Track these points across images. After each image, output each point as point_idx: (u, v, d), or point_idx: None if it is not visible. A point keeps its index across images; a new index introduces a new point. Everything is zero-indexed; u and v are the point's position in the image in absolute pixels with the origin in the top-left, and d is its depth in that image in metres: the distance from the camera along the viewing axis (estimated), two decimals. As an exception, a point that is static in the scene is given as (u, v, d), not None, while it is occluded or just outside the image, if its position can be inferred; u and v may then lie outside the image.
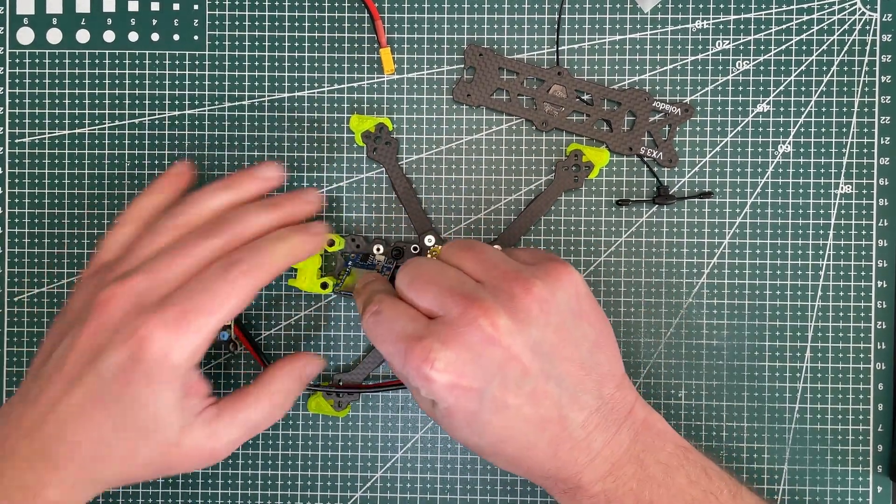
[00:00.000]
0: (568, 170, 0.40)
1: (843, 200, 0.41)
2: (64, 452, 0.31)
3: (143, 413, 0.32)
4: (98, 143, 0.41)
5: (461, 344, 0.31)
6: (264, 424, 0.35)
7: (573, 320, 0.33)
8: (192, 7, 0.41)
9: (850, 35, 0.41)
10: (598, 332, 0.34)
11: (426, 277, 0.33)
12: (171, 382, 0.31)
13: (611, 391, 0.33)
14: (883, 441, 0.40)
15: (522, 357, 0.31)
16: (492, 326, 0.31)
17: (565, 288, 0.33)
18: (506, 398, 0.31)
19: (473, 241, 0.35)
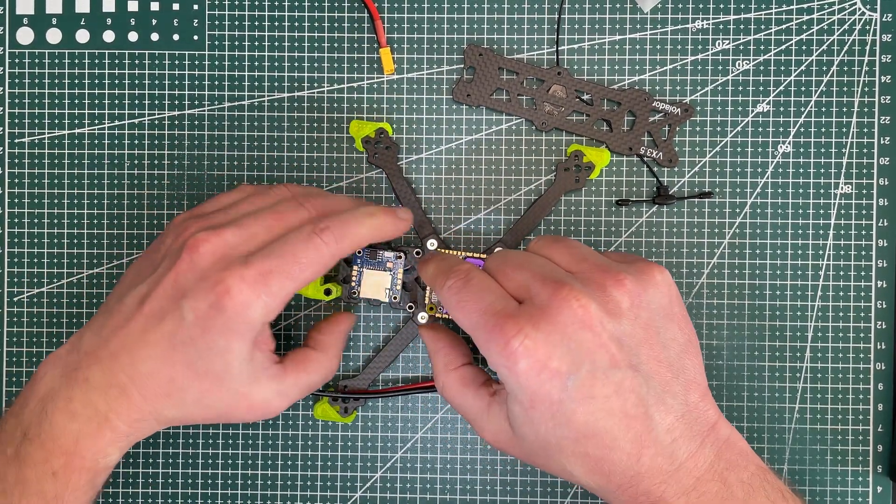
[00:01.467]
0: (569, 170, 0.40)
1: (843, 200, 0.41)
2: (136, 385, 0.33)
3: (218, 361, 0.33)
4: (98, 143, 0.41)
5: (552, 325, 0.30)
6: (319, 385, 0.37)
7: (663, 321, 0.32)
8: (192, 7, 0.41)
9: (849, 35, 0.41)
10: (686, 338, 0.33)
11: (515, 263, 0.33)
12: (245, 336, 0.33)
13: (696, 400, 0.32)
14: (883, 441, 0.40)
15: (612, 346, 0.31)
16: (582, 309, 0.30)
17: (658, 287, 0.33)
18: (593, 387, 0.30)
19: (565, 237, 0.35)
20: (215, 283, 0.32)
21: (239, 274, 0.32)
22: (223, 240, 0.33)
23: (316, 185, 0.41)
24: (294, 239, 0.33)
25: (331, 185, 0.41)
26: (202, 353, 0.33)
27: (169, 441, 0.41)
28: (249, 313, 0.32)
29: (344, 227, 0.34)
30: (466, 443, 0.41)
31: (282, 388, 0.35)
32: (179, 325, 0.32)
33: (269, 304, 0.33)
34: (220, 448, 0.41)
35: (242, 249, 0.33)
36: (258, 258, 0.33)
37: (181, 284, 0.33)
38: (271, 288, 0.32)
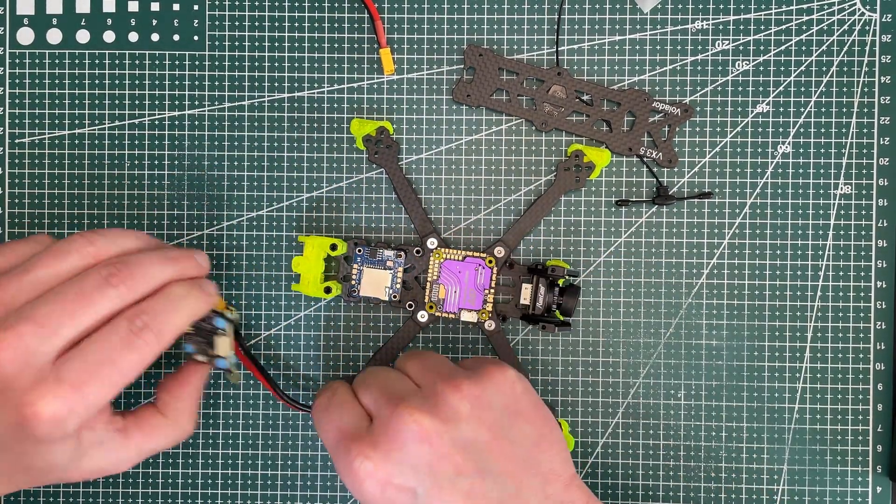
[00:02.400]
0: (569, 170, 0.40)
1: (843, 201, 0.41)
2: None
3: (38, 460, 0.31)
4: (98, 143, 0.41)
5: (392, 443, 0.31)
6: (167, 448, 0.35)
7: (509, 419, 0.33)
8: (192, 7, 0.41)
9: (849, 35, 0.41)
10: (539, 432, 0.33)
11: (372, 380, 0.34)
12: (63, 441, 0.30)
13: (557, 491, 0.33)
14: (883, 441, 0.40)
15: (455, 455, 0.31)
16: (417, 424, 0.31)
17: (498, 386, 0.33)
18: (441, 497, 0.31)
19: (424, 351, 0.37)
20: (21, 405, 0.29)
21: (48, 392, 0.29)
22: (23, 343, 0.29)
23: (316, 185, 0.41)
24: (111, 343, 0.30)
25: (331, 185, 0.41)
26: (19, 457, 0.30)
27: (169, 441, 0.41)
28: (63, 426, 0.29)
29: (163, 322, 0.31)
30: (466, 443, 0.41)
31: (120, 457, 0.33)
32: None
33: (84, 415, 0.30)
34: (220, 448, 0.41)
35: (47, 350, 0.29)
36: (71, 370, 0.29)
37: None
38: (87, 399, 0.29)
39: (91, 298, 0.30)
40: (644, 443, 0.41)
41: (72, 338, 0.30)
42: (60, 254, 0.31)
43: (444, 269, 0.40)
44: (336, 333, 0.41)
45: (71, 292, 0.30)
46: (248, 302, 0.41)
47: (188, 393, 0.36)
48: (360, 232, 0.41)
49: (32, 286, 0.31)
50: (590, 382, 0.41)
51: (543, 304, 0.39)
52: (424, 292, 0.40)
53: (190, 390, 0.36)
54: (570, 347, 0.41)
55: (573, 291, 0.39)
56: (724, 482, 0.41)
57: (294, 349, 0.41)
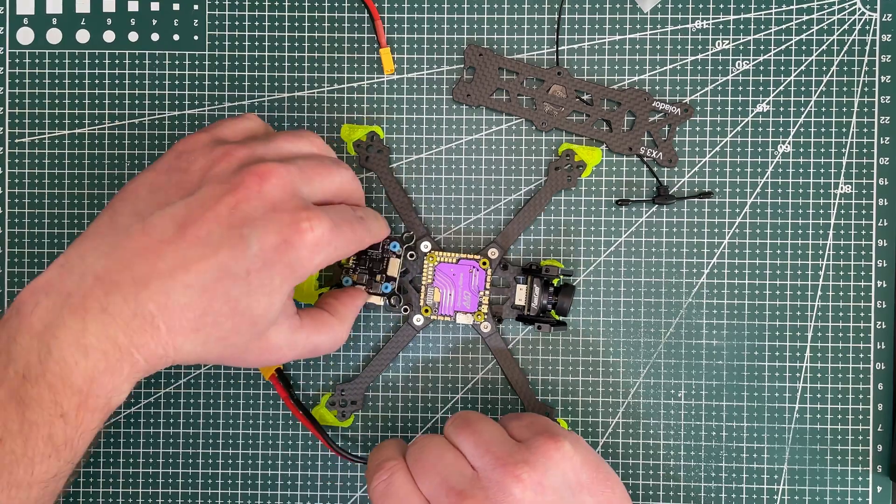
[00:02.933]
0: (560, 170, 0.40)
1: (843, 200, 0.41)
2: (165, 316, 0.29)
3: (263, 300, 0.31)
4: (98, 143, 0.41)
5: None
6: (326, 350, 0.36)
7: (571, 495, 0.33)
8: (192, 7, 0.41)
9: (849, 35, 0.41)
10: (601, 500, 0.33)
11: (429, 462, 0.34)
12: (298, 279, 0.32)
13: None
14: (883, 441, 0.40)
15: None
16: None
17: (558, 465, 0.33)
18: None
19: (471, 416, 0.35)
20: (296, 219, 0.31)
21: (320, 215, 0.31)
22: (291, 175, 0.31)
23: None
24: (348, 212, 0.34)
25: (331, 185, 0.41)
26: (252, 289, 0.30)
27: (169, 441, 0.41)
28: (315, 257, 0.31)
29: (370, 222, 0.36)
30: (466, 443, 0.41)
31: (295, 339, 0.34)
32: (237, 256, 0.29)
33: (330, 256, 0.32)
34: (220, 448, 0.41)
35: (306, 192, 0.32)
36: (331, 209, 0.33)
37: (244, 212, 0.30)
38: (337, 241, 0.32)
39: (330, 170, 0.34)
40: (644, 443, 0.41)
41: (318, 195, 0.33)
42: (295, 136, 0.35)
43: (438, 272, 0.40)
44: (336, 333, 0.41)
45: (316, 159, 0.34)
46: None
47: (353, 302, 0.38)
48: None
49: (275, 152, 0.33)
50: (590, 382, 0.41)
51: (538, 305, 0.39)
52: (419, 296, 0.40)
53: (355, 301, 0.38)
54: (569, 347, 0.41)
55: (568, 291, 0.39)
56: (724, 482, 0.41)
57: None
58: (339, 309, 0.37)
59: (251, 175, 0.30)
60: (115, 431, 0.41)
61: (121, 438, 0.41)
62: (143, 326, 0.29)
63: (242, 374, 0.41)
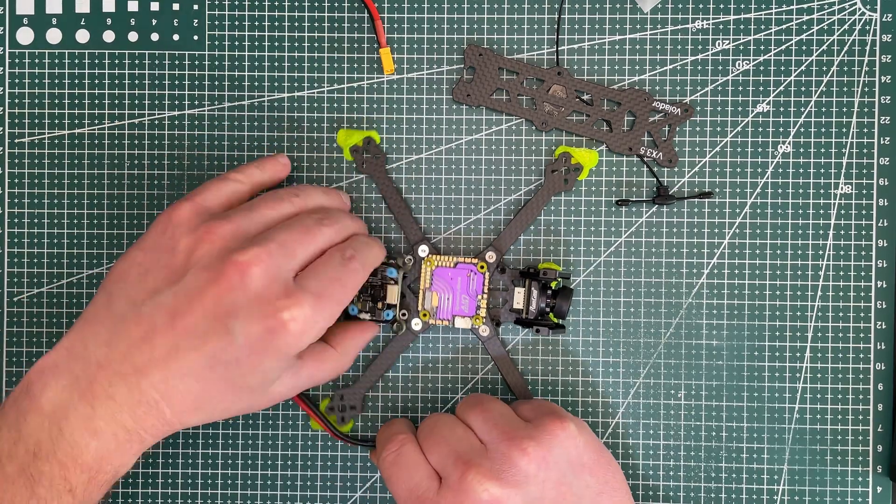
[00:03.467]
0: (557, 172, 0.40)
1: (843, 200, 0.41)
2: (167, 401, 0.32)
3: (258, 378, 0.33)
4: (98, 143, 0.41)
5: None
6: (327, 381, 0.38)
7: (573, 474, 0.34)
8: (192, 7, 0.41)
9: (849, 35, 0.41)
10: (601, 481, 0.35)
11: (440, 436, 0.35)
12: (291, 355, 0.33)
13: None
14: (883, 441, 0.40)
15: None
16: (487, 493, 0.33)
17: (561, 443, 0.34)
18: None
19: (483, 397, 0.37)
20: (276, 310, 0.31)
21: (300, 300, 0.32)
22: (273, 259, 0.32)
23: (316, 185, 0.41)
24: (334, 264, 0.34)
25: (330, 185, 0.41)
26: (245, 372, 0.32)
27: (169, 441, 0.41)
28: (304, 339, 0.32)
29: (365, 255, 0.35)
30: (466, 443, 0.41)
31: (297, 382, 0.35)
32: (225, 347, 0.31)
33: (322, 329, 0.33)
34: (220, 448, 0.41)
35: (288, 268, 0.33)
36: (311, 283, 0.33)
37: (228, 303, 0.31)
38: (324, 313, 0.33)
39: (313, 233, 0.34)
40: (644, 443, 0.41)
41: (304, 262, 0.34)
42: (276, 200, 0.35)
43: (435, 276, 0.40)
44: (336, 333, 0.41)
45: (298, 226, 0.34)
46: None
47: (359, 334, 0.39)
48: (360, 232, 0.41)
49: (258, 223, 0.34)
50: (590, 383, 0.41)
51: (536, 308, 0.39)
52: (417, 300, 0.40)
53: (363, 334, 0.39)
54: (569, 348, 0.41)
55: (566, 294, 0.39)
56: (724, 482, 0.41)
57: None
58: (344, 342, 0.38)
59: (232, 266, 0.31)
60: (115, 431, 0.41)
61: (121, 438, 0.41)
62: (148, 412, 0.32)
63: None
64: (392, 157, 0.41)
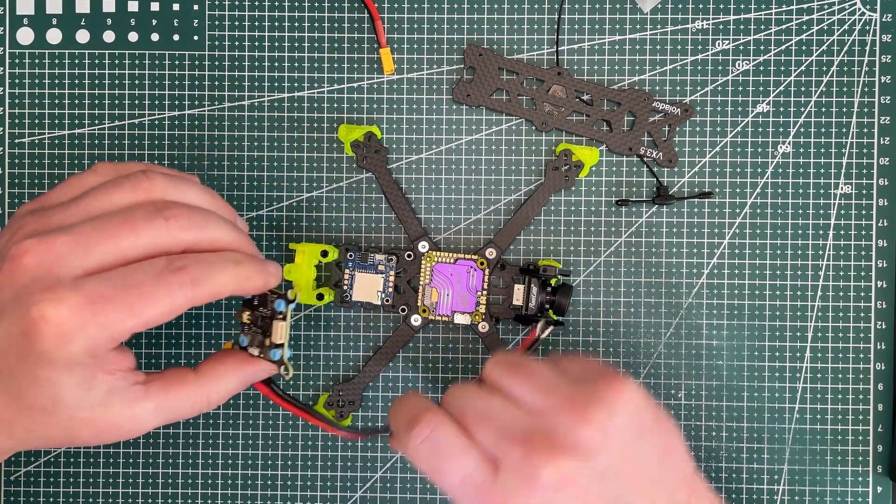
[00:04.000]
0: (558, 170, 0.40)
1: (843, 200, 0.41)
2: None
3: (43, 393, 0.28)
4: (98, 143, 0.41)
5: (530, 496, 0.29)
6: (187, 416, 0.32)
7: (635, 441, 0.31)
8: (192, 7, 0.41)
9: (849, 35, 0.41)
10: (662, 445, 0.32)
11: (477, 411, 0.31)
12: (72, 368, 0.28)
13: (683, 499, 0.31)
14: (883, 441, 0.40)
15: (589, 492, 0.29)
16: (557, 472, 0.28)
17: (624, 407, 0.30)
18: None
19: (515, 358, 0.32)
20: (29, 306, 0.27)
21: (60, 297, 0.27)
22: (52, 250, 0.27)
23: (316, 185, 0.41)
24: (143, 272, 0.28)
25: (330, 185, 0.41)
26: (24, 385, 0.28)
27: (169, 441, 0.41)
28: (69, 346, 0.27)
29: (203, 272, 0.29)
30: (466, 443, 0.41)
31: (136, 414, 0.30)
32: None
33: (96, 338, 0.27)
34: (220, 448, 0.41)
35: (74, 266, 0.28)
36: (91, 284, 0.27)
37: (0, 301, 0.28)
38: (100, 319, 0.27)
39: (136, 226, 0.29)
40: (644, 443, 0.41)
41: (107, 262, 0.28)
42: (114, 186, 0.30)
43: (435, 272, 0.40)
44: (336, 334, 0.41)
45: (117, 217, 0.29)
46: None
47: (232, 365, 0.33)
48: (360, 233, 0.41)
49: (84, 214, 0.29)
50: (590, 382, 0.41)
51: (536, 304, 0.39)
52: (417, 296, 0.40)
53: (235, 363, 0.33)
54: (570, 347, 0.41)
55: (565, 290, 0.39)
56: (724, 482, 0.41)
57: (293, 349, 0.41)
58: (207, 369, 0.32)
59: (9, 259, 0.28)
60: (115, 431, 0.41)
61: (121, 438, 0.41)
62: None
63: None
64: (392, 157, 0.41)
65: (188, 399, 0.31)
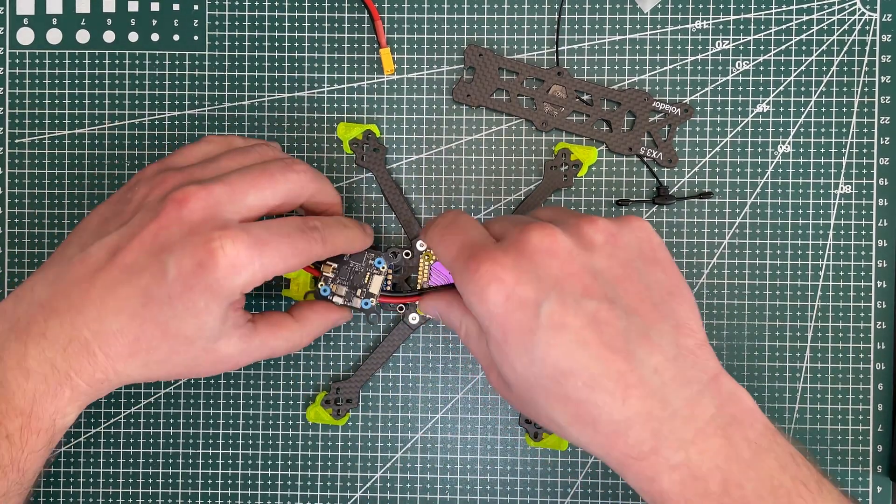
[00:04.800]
0: (556, 169, 0.40)
1: (843, 200, 0.41)
2: (100, 342, 0.31)
3: (192, 322, 0.31)
4: (98, 143, 0.41)
5: (521, 252, 0.30)
6: (283, 353, 0.36)
7: (643, 264, 0.31)
8: (192, 7, 0.41)
9: (849, 35, 0.41)
10: (674, 283, 0.31)
11: (501, 217, 0.34)
12: (225, 299, 0.31)
13: (690, 346, 0.30)
14: (883, 441, 0.40)
15: (584, 276, 0.29)
16: (550, 239, 0.30)
17: (635, 231, 0.31)
18: (564, 315, 0.28)
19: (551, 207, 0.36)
20: (208, 240, 0.30)
21: (235, 235, 0.30)
22: (213, 196, 0.31)
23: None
24: (290, 224, 0.33)
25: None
26: (178, 312, 0.31)
27: (169, 441, 0.41)
28: (236, 278, 0.31)
29: (329, 232, 0.34)
30: (466, 443, 0.41)
31: (247, 347, 0.34)
32: (159, 281, 0.30)
33: (257, 274, 0.31)
34: (220, 448, 0.41)
35: (231, 210, 0.32)
36: (255, 228, 0.31)
37: (164, 238, 0.31)
38: (263, 258, 0.31)
39: (274, 177, 0.33)
40: (644, 443, 0.41)
41: (255, 207, 0.32)
42: (241, 153, 0.35)
43: (434, 270, 0.40)
44: (336, 333, 0.41)
45: (258, 169, 0.33)
46: (247, 302, 0.41)
47: (323, 310, 0.37)
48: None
49: (218, 170, 0.33)
50: (590, 382, 0.41)
51: None
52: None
53: (326, 311, 0.37)
54: (570, 347, 0.41)
55: None
56: (725, 482, 0.41)
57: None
58: (305, 315, 0.36)
59: (171, 201, 0.31)
60: (115, 432, 0.41)
61: (121, 438, 0.41)
62: (79, 352, 0.31)
63: (242, 375, 0.41)
64: (392, 157, 0.41)
65: (288, 340, 0.35)
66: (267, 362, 0.41)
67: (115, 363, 0.31)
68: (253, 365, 0.41)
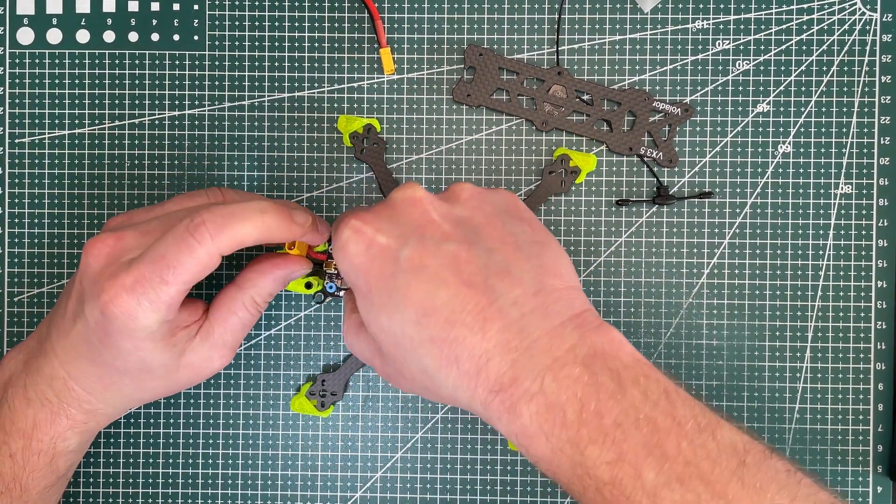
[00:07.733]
0: (554, 174, 0.40)
1: (843, 200, 0.41)
2: (74, 380, 0.34)
3: (132, 359, 0.33)
4: (98, 143, 0.41)
5: (382, 206, 0.32)
6: (251, 324, 0.36)
7: (509, 217, 0.32)
8: (192, 7, 0.41)
9: (850, 35, 0.41)
10: (542, 238, 0.32)
11: None
12: (147, 337, 0.32)
13: (557, 285, 0.30)
14: (883, 441, 0.40)
15: (444, 224, 0.31)
16: (412, 190, 0.32)
17: (501, 194, 0.33)
18: (423, 256, 0.29)
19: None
20: (100, 292, 0.31)
21: (120, 283, 0.30)
22: (120, 243, 0.32)
23: (316, 184, 0.41)
24: (167, 240, 0.31)
25: (330, 184, 0.41)
26: (114, 354, 0.32)
27: (169, 441, 0.41)
28: (138, 321, 0.31)
29: (223, 221, 0.31)
30: (466, 443, 0.41)
31: (214, 342, 0.34)
32: (86, 329, 0.32)
33: (156, 310, 0.31)
34: (220, 448, 0.41)
35: (130, 253, 0.32)
36: (136, 263, 0.31)
37: (82, 288, 0.32)
38: (149, 295, 0.30)
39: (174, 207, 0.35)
40: (644, 443, 0.41)
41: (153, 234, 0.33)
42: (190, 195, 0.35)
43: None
44: (336, 333, 0.41)
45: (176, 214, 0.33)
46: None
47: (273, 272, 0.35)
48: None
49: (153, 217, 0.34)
50: (590, 382, 0.41)
51: None
52: None
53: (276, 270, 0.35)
54: (570, 347, 0.41)
55: None
56: (725, 482, 0.41)
57: (294, 349, 0.41)
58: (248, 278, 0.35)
59: (84, 251, 0.32)
60: (115, 431, 0.41)
61: (121, 438, 0.41)
62: (62, 387, 0.34)
63: (242, 375, 0.41)
64: (392, 156, 0.41)
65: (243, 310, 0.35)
66: (267, 362, 0.41)
67: (94, 396, 0.34)
68: (253, 365, 0.41)
